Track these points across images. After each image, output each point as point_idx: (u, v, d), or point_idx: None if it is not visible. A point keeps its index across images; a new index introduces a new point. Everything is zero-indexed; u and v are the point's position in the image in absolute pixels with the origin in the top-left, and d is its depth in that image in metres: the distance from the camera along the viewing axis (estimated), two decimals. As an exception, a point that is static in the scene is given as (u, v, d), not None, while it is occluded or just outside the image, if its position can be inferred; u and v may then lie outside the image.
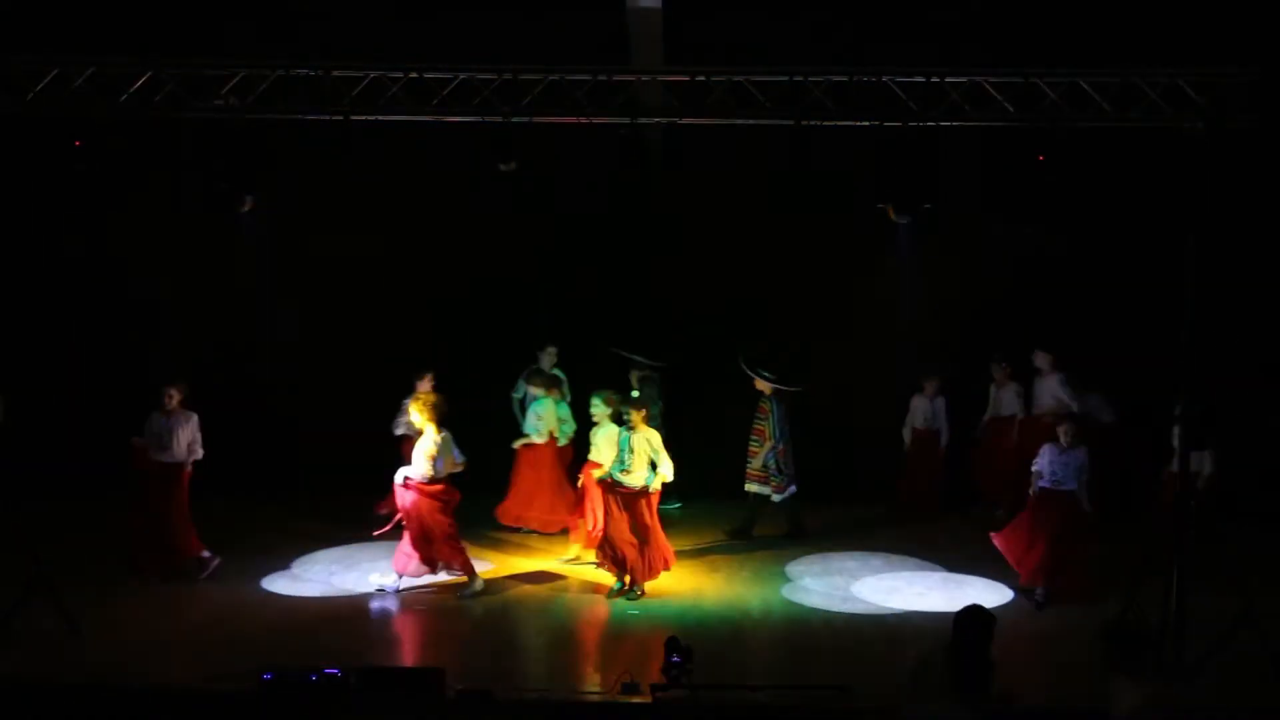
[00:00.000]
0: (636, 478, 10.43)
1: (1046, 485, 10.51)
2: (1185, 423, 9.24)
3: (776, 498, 12.18)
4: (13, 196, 12.38)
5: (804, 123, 9.43)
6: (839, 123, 9.44)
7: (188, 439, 10.74)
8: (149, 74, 9.41)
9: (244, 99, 9.46)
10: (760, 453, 12.10)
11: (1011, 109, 9.29)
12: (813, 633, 9.78)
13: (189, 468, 10.78)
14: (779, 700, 8.16)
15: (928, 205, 9.89)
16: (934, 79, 9.29)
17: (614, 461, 10.59)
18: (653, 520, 10.54)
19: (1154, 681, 6.53)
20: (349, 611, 10.14)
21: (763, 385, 12.03)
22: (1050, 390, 12.55)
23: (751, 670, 8.82)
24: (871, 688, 8.19)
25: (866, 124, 9.45)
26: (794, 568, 11.39)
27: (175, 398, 10.72)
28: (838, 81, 9.34)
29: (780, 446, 12.03)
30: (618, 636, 9.53)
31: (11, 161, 11.72)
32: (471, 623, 9.89)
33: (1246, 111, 8.99)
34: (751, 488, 12.26)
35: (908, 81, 9.32)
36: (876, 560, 11.61)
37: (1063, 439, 10.52)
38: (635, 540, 10.42)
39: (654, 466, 10.44)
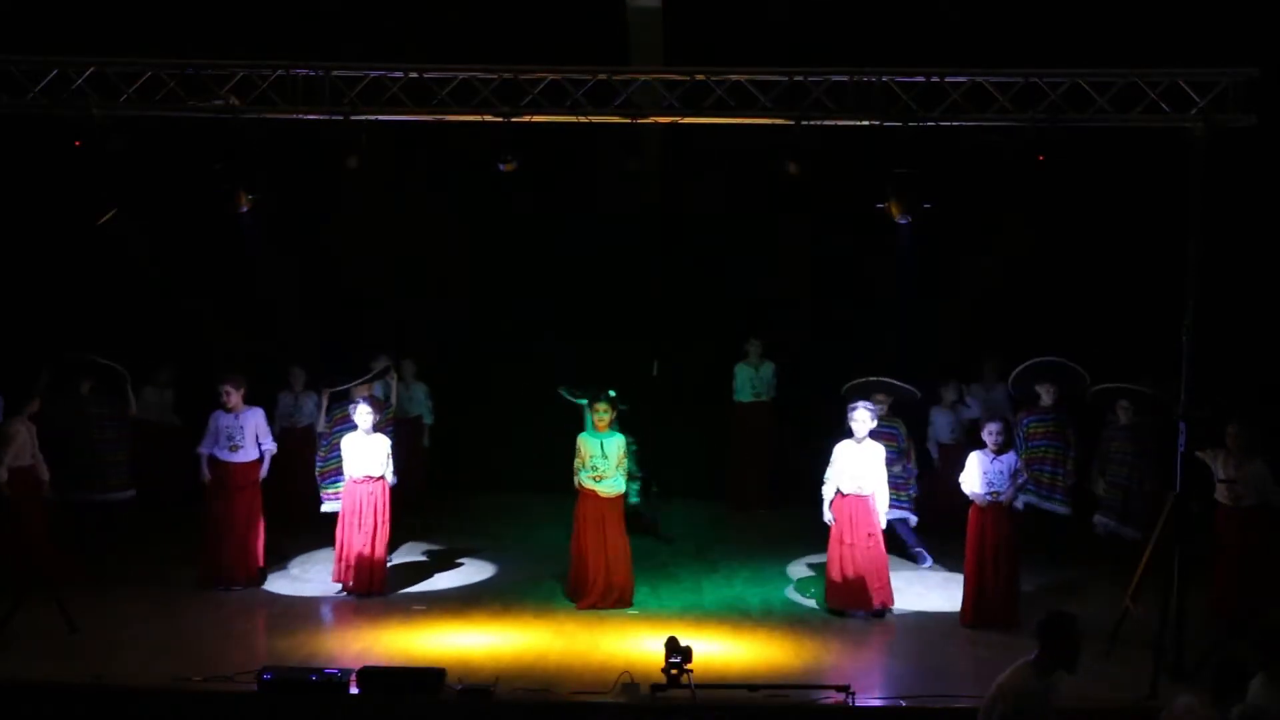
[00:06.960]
0: (611, 485, 10.22)
1: (987, 498, 9.78)
2: (1188, 425, 9.21)
3: None
4: (12, 197, 12.37)
5: (804, 123, 9.43)
6: (839, 123, 9.44)
7: (256, 434, 10.60)
8: (149, 74, 9.41)
9: (244, 99, 9.46)
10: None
11: (1011, 109, 9.29)
12: (813, 633, 9.78)
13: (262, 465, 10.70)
14: (779, 700, 8.15)
15: (927, 205, 9.90)
16: (934, 79, 9.29)
17: (584, 468, 10.21)
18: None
19: None
20: (349, 611, 10.15)
21: None
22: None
23: (751, 670, 8.82)
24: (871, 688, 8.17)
25: (866, 124, 9.45)
26: (794, 568, 11.39)
27: (235, 394, 10.52)
28: (838, 81, 9.34)
29: None
30: (618, 636, 9.52)
31: (11, 161, 11.71)
32: (471, 623, 9.88)
33: (1246, 111, 8.99)
34: None
35: (908, 81, 9.32)
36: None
37: (991, 444, 9.83)
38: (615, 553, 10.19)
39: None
